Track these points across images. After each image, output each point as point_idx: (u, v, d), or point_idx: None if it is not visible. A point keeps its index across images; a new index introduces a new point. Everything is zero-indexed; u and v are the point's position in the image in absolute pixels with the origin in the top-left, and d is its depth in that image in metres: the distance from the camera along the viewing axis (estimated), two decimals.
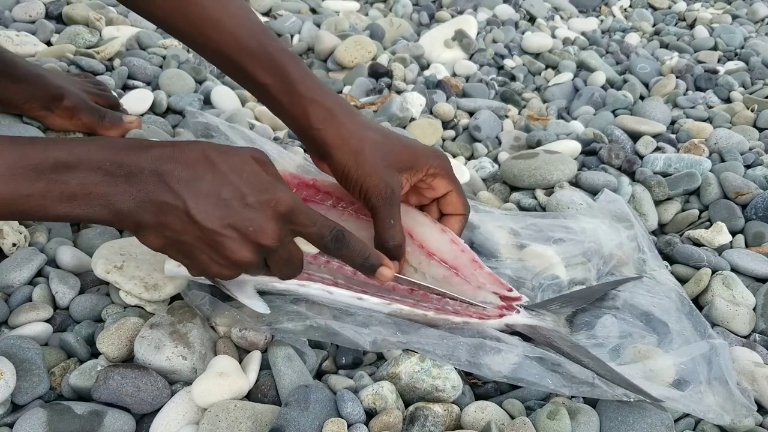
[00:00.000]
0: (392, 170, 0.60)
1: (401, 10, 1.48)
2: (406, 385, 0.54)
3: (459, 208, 0.66)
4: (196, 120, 0.82)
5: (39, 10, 1.12)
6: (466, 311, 0.60)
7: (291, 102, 0.60)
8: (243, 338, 0.58)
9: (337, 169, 0.59)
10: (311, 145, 0.61)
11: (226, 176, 0.47)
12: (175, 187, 0.45)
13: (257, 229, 0.47)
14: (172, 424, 0.51)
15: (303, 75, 0.60)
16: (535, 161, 0.86)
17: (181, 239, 0.46)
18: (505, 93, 1.17)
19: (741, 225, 0.80)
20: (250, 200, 0.47)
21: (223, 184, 0.46)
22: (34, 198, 0.43)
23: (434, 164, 0.63)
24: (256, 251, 0.48)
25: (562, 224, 0.74)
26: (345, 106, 0.61)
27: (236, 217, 0.46)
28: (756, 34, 1.54)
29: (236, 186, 0.47)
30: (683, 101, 1.13)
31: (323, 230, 0.50)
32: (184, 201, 0.45)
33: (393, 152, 0.60)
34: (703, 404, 0.54)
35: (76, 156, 0.44)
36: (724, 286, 0.69)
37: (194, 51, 0.64)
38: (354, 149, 0.59)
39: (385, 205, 0.59)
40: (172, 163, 0.46)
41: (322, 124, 0.59)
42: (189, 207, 0.45)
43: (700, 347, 0.59)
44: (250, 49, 0.59)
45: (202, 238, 0.46)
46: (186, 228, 0.46)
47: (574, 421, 0.52)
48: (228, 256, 0.47)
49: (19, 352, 0.53)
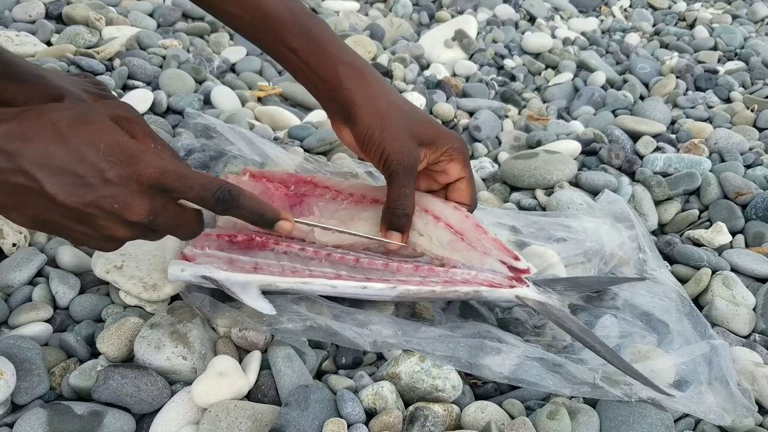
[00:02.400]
0: (414, 141, 0.59)
1: (401, 10, 1.48)
2: (406, 385, 0.54)
3: (466, 197, 0.64)
4: (195, 121, 0.82)
5: (39, 10, 1.12)
6: (475, 279, 0.59)
7: (320, 63, 0.59)
8: (243, 338, 0.58)
9: (361, 131, 0.58)
10: (337, 106, 0.60)
11: (80, 150, 0.43)
12: (27, 167, 0.42)
13: (122, 206, 0.44)
14: (172, 424, 0.51)
15: (332, 37, 0.60)
16: (535, 161, 0.86)
17: (46, 218, 0.44)
18: (505, 93, 1.17)
19: (741, 225, 0.80)
20: (110, 175, 0.43)
21: (78, 160, 0.43)
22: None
23: (454, 146, 0.62)
24: (130, 226, 0.46)
25: (564, 223, 0.74)
26: (373, 70, 0.60)
27: (96, 194, 0.43)
28: (756, 34, 1.54)
29: (92, 161, 0.43)
30: (683, 101, 1.13)
31: (203, 193, 0.47)
32: (39, 182, 0.42)
33: (417, 123, 0.60)
34: (703, 405, 0.54)
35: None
36: (724, 286, 0.69)
37: (218, 18, 0.63)
38: (381, 112, 0.58)
39: (404, 173, 0.58)
40: (21, 142, 0.42)
41: (352, 84, 0.58)
42: (45, 187, 0.42)
43: (701, 347, 0.59)
44: (277, 13, 0.59)
45: (68, 216, 0.44)
46: (48, 208, 0.43)
47: (574, 421, 0.52)
48: (101, 232, 0.45)
49: (19, 352, 0.53)
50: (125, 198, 0.44)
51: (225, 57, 1.13)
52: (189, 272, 0.56)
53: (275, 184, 0.67)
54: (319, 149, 0.87)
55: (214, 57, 1.11)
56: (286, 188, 0.67)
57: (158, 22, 1.23)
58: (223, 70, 1.10)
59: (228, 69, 1.11)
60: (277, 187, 0.67)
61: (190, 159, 0.79)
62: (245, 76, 1.09)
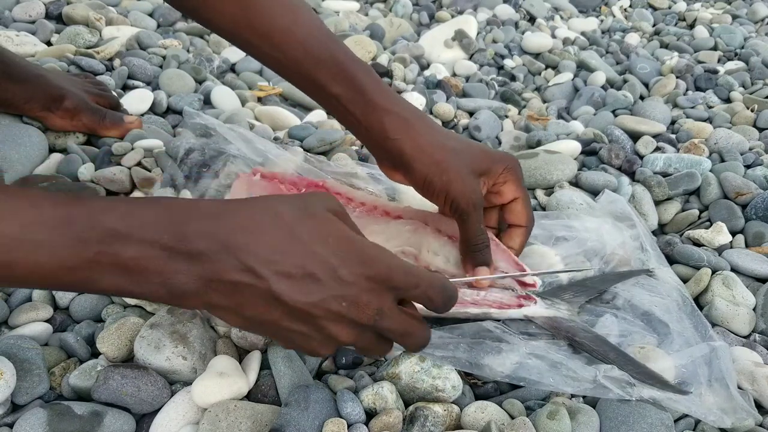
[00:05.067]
0: (473, 176, 0.59)
1: (401, 10, 1.48)
2: (406, 385, 0.54)
3: (523, 219, 0.63)
4: (194, 121, 0.82)
5: (39, 10, 1.12)
6: (484, 301, 0.60)
7: (365, 112, 0.58)
8: (243, 338, 0.58)
9: (418, 179, 0.58)
10: (386, 155, 0.59)
11: (309, 245, 0.41)
12: (252, 264, 0.39)
13: (351, 305, 0.41)
14: (172, 424, 0.51)
15: (376, 85, 0.59)
16: (535, 161, 0.86)
17: (265, 319, 0.41)
18: (505, 93, 1.17)
19: (741, 225, 0.80)
20: (342, 273, 0.41)
21: (307, 256, 0.40)
22: (80, 271, 0.37)
23: (508, 167, 0.61)
24: (355, 327, 0.43)
25: (565, 223, 0.74)
26: (420, 115, 0.60)
27: (327, 293, 0.41)
28: (756, 34, 1.54)
29: (323, 257, 0.41)
30: (683, 101, 1.13)
31: (430, 291, 0.44)
32: (266, 280, 0.39)
33: (472, 158, 0.59)
34: (703, 406, 0.54)
35: (127, 225, 0.38)
36: (724, 286, 0.69)
37: (260, 61, 0.62)
38: (435, 158, 0.57)
39: (475, 211, 0.58)
40: (245, 235, 0.40)
41: (399, 134, 0.57)
42: (272, 286, 0.39)
43: (701, 349, 0.59)
44: (321, 59, 0.57)
45: (290, 317, 0.41)
46: (271, 309, 0.41)
47: (574, 421, 0.52)
48: (323, 333, 0.42)
49: (19, 352, 0.53)
50: (356, 296, 0.41)
51: (225, 57, 1.13)
52: None
53: (287, 185, 0.67)
54: (319, 149, 0.87)
55: (214, 57, 1.11)
56: (297, 190, 0.67)
57: (158, 22, 1.23)
58: (223, 70, 1.10)
59: (228, 69, 1.11)
60: (288, 188, 0.67)
61: (189, 159, 0.79)
62: (245, 76, 1.09)
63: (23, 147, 0.76)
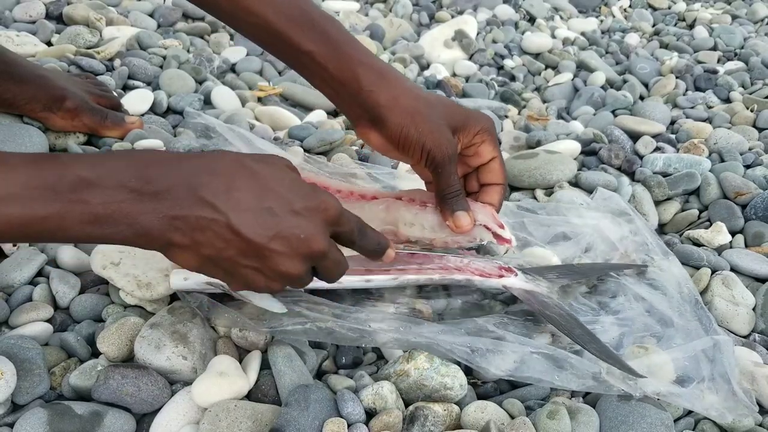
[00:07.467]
0: (449, 129, 0.59)
1: (401, 11, 1.48)
2: (414, 383, 0.54)
3: (500, 177, 0.63)
4: (195, 121, 0.82)
5: (39, 10, 1.12)
6: (467, 267, 0.61)
7: (338, 66, 0.57)
8: (243, 338, 0.58)
9: (393, 131, 0.58)
10: (360, 110, 0.59)
11: (268, 184, 0.44)
12: (213, 200, 0.42)
13: (308, 237, 0.44)
14: (172, 424, 0.51)
15: (348, 38, 0.59)
16: (535, 161, 0.86)
17: (221, 255, 0.43)
18: (505, 93, 1.17)
19: (741, 225, 0.80)
20: (298, 207, 0.44)
21: (265, 193, 0.44)
22: (51, 219, 0.39)
23: (484, 127, 0.61)
24: (306, 261, 0.46)
25: (564, 220, 0.74)
26: (393, 69, 0.60)
27: (284, 225, 0.44)
28: (756, 34, 1.54)
29: (280, 194, 0.44)
30: (683, 101, 1.13)
31: (354, 226, 0.49)
32: (226, 214, 0.42)
33: (447, 112, 0.59)
34: (704, 402, 0.54)
35: (97, 172, 0.40)
36: (723, 286, 0.69)
37: (230, 26, 0.63)
38: (410, 109, 0.57)
39: (450, 162, 0.58)
40: (208, 175, 0.42)
41: (374, 86, 0.57)
42: (231, 220, 0.42)
43: (704, 343, 0.59)
44: (291, 16, 0.57)
45: (246, 252, 0.44)
46: (228, 243, 0.43)
47: (574, 420, 0.52)
48: (276, 268, 0.45)
49: (19, 351, 0.53)
50: (311, 229, 0.45)
51: (225, 57, 1.13)
52: (193, 280, 0.55)
53: None
54: (319, 149, 0.87)
55: (215, 57, 1.11)
56: None
57: (158, 22, 1.23)
58: (223, 70, 1.10)
59: (228, 69, 1.12)
60: None
61: None
62: (245, 76, 1.09)
63: (24, 147, 0.76)
